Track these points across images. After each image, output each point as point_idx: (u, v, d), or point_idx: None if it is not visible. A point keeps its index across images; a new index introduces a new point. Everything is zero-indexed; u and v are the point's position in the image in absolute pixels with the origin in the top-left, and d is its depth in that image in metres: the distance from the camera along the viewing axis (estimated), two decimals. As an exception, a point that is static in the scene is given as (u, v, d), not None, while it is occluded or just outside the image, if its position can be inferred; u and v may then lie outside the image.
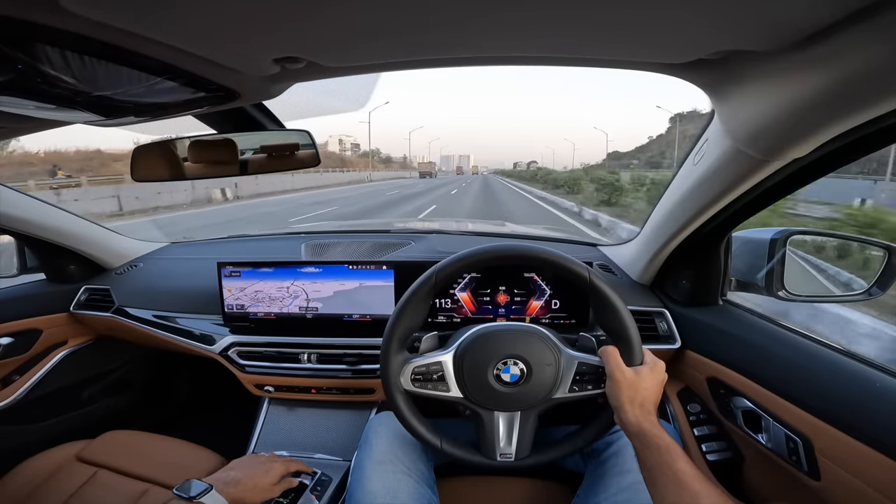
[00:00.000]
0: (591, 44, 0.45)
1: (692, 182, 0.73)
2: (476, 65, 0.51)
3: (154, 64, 0.42)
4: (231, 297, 1.07)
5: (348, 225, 2.04)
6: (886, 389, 0.59)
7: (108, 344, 1.37)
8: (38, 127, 0.67)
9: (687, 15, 0.37)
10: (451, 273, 0.69)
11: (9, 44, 0.36)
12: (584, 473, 0.79)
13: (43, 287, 1.28)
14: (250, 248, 1.50)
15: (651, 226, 0.94)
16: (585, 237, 1.90)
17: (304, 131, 0.74)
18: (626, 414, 0.59)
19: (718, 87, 0.53)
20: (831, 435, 0.60)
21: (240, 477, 0.70)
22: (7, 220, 1.05)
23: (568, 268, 0.67)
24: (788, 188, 0.64)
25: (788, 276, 0.83)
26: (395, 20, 0.38)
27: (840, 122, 0.46)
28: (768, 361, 0.75)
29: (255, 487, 0.70)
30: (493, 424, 0.69)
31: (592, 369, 0.67)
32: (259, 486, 0.71)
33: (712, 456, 0.88)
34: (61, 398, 1.30)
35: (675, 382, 0.99)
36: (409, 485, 0.71)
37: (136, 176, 0.76)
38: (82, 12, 0.32)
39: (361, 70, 0.53)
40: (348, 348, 1.04)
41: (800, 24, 0.37)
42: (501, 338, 0.69)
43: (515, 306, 1.01)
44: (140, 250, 1.42)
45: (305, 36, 0.41)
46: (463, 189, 24.43)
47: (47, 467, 0.94)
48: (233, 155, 0.74)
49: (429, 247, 1.30)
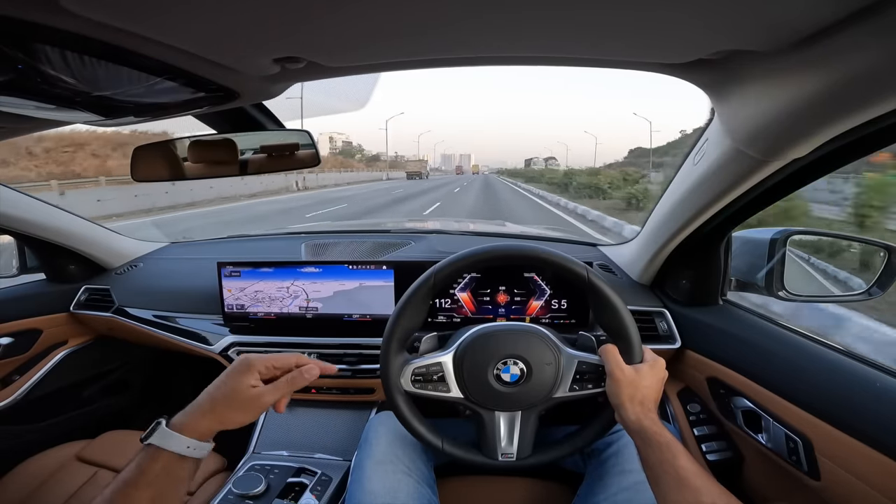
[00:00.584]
0: (590, 44, 0.45)
1: (692, 182, 0.73)
2: (476, 65, 0.51)
3: (154, 64, 0.42)
4: (231, 297, 1.07)
5: (348, 225, 2.04)
6: (887, 389, 0.59)
7: (108, 344, 1.37)
8: (38, 127, 0.67)
9: (687, 15, 0.37)
10: (449, 274, 0.69)
11: (9, 44, 0.35)
12: (583, 473, 0.79)
13: (43, 287, 1.28)
14: (250, 248, 1.50)
15: (651, 225, 0.94)
16: (586, 237, 1.90)
17: (304, 131, 0.74)
18: (626, 412, 0.59)
19: (718, 87, 0.53)
20: (831, 435, 0.60)
21: (201, 400, 0.52)
22: (7, 220, 1.05)
23: (566, 267, 0.67)
24: (788, 188, 0.64)
25: (788, 276, 0.83)
26: (396, 20, 0.38)
27: (840, 122, 0.46)
28: (768, 361, 0.75)
29: (220, 397, 0.51)
30: (494, 424, 0.69)
31: (592, 368, 0.67)
32: (227, 396, 0.51)
33: (712, 456, 0.88)
34: (61, 398, 1.30)
35: (675, 382, 0.99)
36: (409, 485, 0.71)
37: (136, 176, 0.76)
38: (82, 12, 0.32)
39: (361, 70, 0.53)
40: (348, 348, 1.04)
41: (800, 25, 0.37)
42: (501, 338, 0.69)
43: (515, 306, 1.01)
44: (140, 250, 1.42)
45: (305, 36, 0.41)
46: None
47: (47, 467, 0.94)
48: (233, 155, 0.74)
49: (429, 247, 1.30)
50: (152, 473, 0.46)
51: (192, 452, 0.48)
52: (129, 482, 0.46)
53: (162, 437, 0.47)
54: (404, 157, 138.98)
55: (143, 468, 0.46)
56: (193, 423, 0.49)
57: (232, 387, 0.52)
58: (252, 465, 0.93)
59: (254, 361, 0.54)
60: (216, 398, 0.52)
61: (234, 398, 0.51)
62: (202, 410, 0.51)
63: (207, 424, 0.50)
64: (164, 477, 0.47)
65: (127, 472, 0.46)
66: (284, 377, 0.55)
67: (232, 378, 0.53)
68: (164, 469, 0.47)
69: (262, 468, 0.91)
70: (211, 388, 0.53)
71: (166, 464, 0.47)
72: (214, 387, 0.53)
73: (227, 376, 0.53)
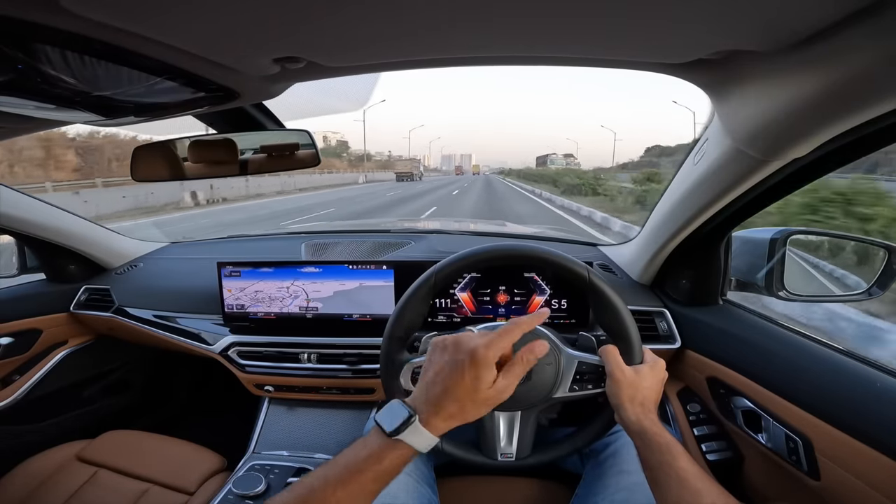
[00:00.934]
0: (591, 44, 0.45)
1: (692, 182, 0.73)
2: (476, 65, 0.51)
3: (154, 64, 0.42)
4: (231, 297, 1.07)
5: (348, 225, 2.04)
6: (887, 389, 0.59)
7: (108, 344, 1.37)
8: (38, 127, 0.67)
9: (687, 15, 0.37)
10: (450, 273, 0.69)
11: (9, 44, 0.36)
12: (582, 474, 0.79)
13: (43, 287, 1.28)
14: (250, 248, 1.50)
15: (651, 225, 0.94)
16: (587, 237, 1.88)
17: (304, 131, 0.74)
18: (626, 413, 0.59)
19: (718, 87, 0.53)
20: (831, 435, 0.60)
21: (439, 393, 0.48)
22: (7, 220, 1.05)
23: (567, 267, 0.67)
24: (788, 188, 0.64)
25: (788, 275, 0.83)
26: (396, 20, 0.38)
27: (840, 122, 0.46)
28: (768, 361, 0.75)
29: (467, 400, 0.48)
30: (494, 424, 0.69)
31: (592, 368, 0.67)
32: (471, 397, 0.48)
33: (712, 456, 0.88)
34: (61, 398, 1.30)
35: (675, 382, 0.99)
36: (409, 484, 0.71)
37: (136, 176, 0.76)
38: (82, 12, 0.32)
39: (361, 70, 0.53)
40: (348, 348, 1.04)
41: (799, 25, 0.37)
42: None
43: (515, 306, 1.01)
44: (140, 250, 1.42)
45: (305, 36, 0.41)
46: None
47: (47, 467, 0.94)
48: (233, 155, 0.74)
49: (429, 247, 1.30)
50: (389, 463, 0.45)
51: (426, 449, 0.47)
52: (356, 469, 0.44)
53: (414, 433, 0.46)
54: (401, 157, 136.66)
55: (381, 457, 0.45)
56: (440, 424, 0.48)
57: (474, 386, 0.48)
58: (252, 465, 0.94)
59: (489, 356, 0.48)
60: (461, 399, 0.48)
61: (477, 397, 0.48)
62: (448, 413, 0.48)
63: (450, 424, 0.48)
64: (394, 470, 0.46)
65: (355, 459, 0.45)
66: (519, 361, 0.50)
67: (472, 375, 0.48)
68: (402, 461, 0.46)
69: (263, 468, 0.91)
70: (450, 386, 0.48)
71: (404, 457, 0.46)
72: (455, 384, 0.48)
73: (465, 372, 0.48)
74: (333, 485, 0.43)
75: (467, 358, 0.48)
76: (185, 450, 1.01)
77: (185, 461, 0.97)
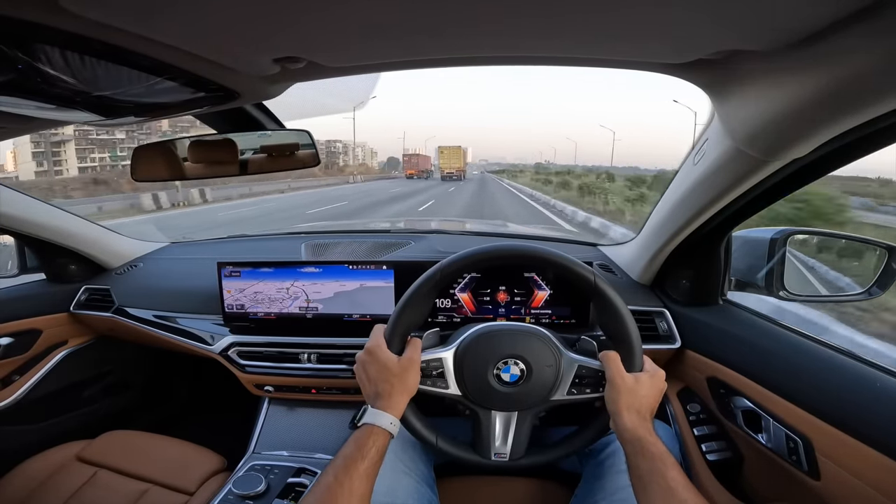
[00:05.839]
0: (590, 44, 0.45)
1: (692, 182, 0.73)
2: (476, 65, 0.51)
3: (154, 64, 0.42)
4: (231, 298, 1.07)
5: (348, 225, 2.04)
6: (886, 389, 0.59)
7: (108, 344, 1.37)
8: (38, 127, 0.67)
9: (686, 15, 0.37)
10: (455, 270, 0.68)
11: (9, 44, 0.36)
12: (581, 473, 0.79)
13: (43, 287, 1.28)
14: (250, 248, 1.50)
15: (651, 225, 0.94)
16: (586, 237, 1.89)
17: (304, 131, 0.74)
18: (623, 420, 0.59)
19: (718, 87, 0.53)
20: (831, 435, 0.60)
21: (366, 382, 0.64)
22: (7, 220, 1.05)
23: (574, 270, 0.66)
24: (788, 188, 0.64)
25: (788, 275, 0.83)
26: (395, 20, 0.38)
27: (840, 122, 0.46)
28: (768, 361, 0.75)
29: (388, 376, 0.63)
30: (490, 423, 0.69)
31: (592, 373, 0.67)
32: (390, 373, 0.63)
33: (712, 456, 0.88)
34: (61, 398, 1.30)
35: (675, 382, 0.99)
36: (408, 484, 0.71)
37: (136, 176, 0.76)
38: (82, 12, 0.32)
39: (361, 70, 0.53)
40: (348, 348, 1.04)
41: (799, 25, 0.37)
42: (503, 337, 0.69)
43: (515, 306, 1.01)
44: (140, 250, 1.42)
45: (305, 36, 0.41)
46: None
47: (47, 467, 0.94)
48: (233, 155, 0.74)
49: (429, 247, 1.30)
50: (367, 448, 0.55)
51: (392, 428, 0.59)
52: (350, 457, 0.55)
53: (373, 416, 0.59)
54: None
55: (360, 444, 0.56)
56: (386, 403, 0.61)
57: (386, 366, 0.63)
58: (252, 465, 0.94)
59: (375, 345, 0.65)
60: (386, 379, 0.62)
61: (393, 371, 0.63)
62: (385, 392, 0.62)
63: (397, 400, 0.61)
64: (375, 450, 0.56)
65: (346, 450, 0.56)
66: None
67: (375, 360, 0.64)
68: (374, 443, 0.56)
69: (262, 468, 0.91)
70: (371, 375, 0.63)
71: (377, 438, 0.57)
72: (373, 373, 0.63)
73: (371, 363, 0.64)
74: (341, 476, 0.53)
75: (366, 354, 0.65)
76: (185, 450, 1.01)
77: (185, 461, 0.97)
